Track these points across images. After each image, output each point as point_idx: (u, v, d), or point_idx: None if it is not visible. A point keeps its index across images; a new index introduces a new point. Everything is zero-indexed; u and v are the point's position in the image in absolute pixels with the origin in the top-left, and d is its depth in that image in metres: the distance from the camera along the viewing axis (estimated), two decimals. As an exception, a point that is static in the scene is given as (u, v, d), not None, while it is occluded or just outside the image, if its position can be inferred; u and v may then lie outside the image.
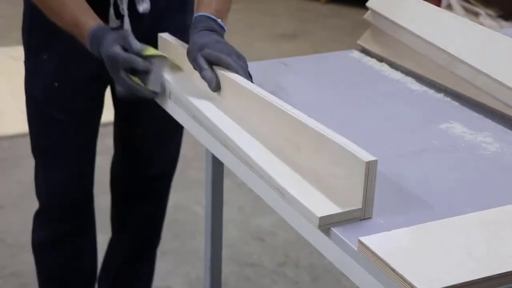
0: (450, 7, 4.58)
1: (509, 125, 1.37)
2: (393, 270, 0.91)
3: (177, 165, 1.94)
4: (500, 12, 4.55)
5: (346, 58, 1.72)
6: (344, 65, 1.68)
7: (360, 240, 0.97)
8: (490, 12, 4.53)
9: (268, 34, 4.89)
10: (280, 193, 1.11)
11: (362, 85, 1.57)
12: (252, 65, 1.41)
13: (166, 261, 2.46)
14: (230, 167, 1.30)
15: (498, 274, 0.91)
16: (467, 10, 4.55)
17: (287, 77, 1.59)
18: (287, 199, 1.09)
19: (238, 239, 2.63)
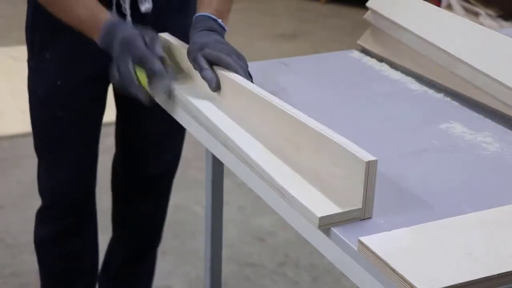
0: (450, 7, 4.57)
1: (509, 125, 1.37)
2: (393, 270, 0.92)
3: (178, 164, 1.94)
4: (500, 12, 4.55)
5: (346, 58, 1.72)
6: (344, 65, 1.68)
7: (360, 240, 0.97)
8: (490, 12, 4.52)
9: (268, 34, 4.89)
10: (280, 193, 1.11)
11: (362, 85, 1.57)
12: (252, 65, 1.41)
13: (166, 261, 2.46)
14: (230, 167, 1.30)
15: (498, 274, 0.91)
16: (467, 10, 4.55)
17: (287, 77, 1.59)
18: (287, 199, 1.09)
19: (238, 239, 2.63)
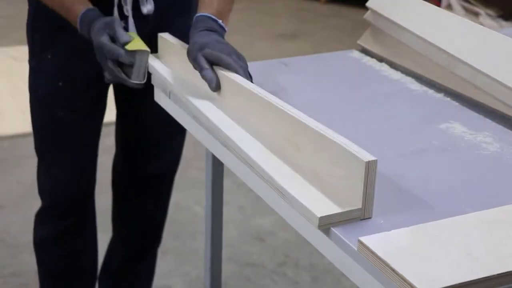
0: (450, 7, 4.58)
1: (509, 125, 1.37)
2: (393, 270, 0.92)
3: (179, 164, 1.94)
4: (500, 12, 4.55)
5: (346, 58, 1.72)
6: (344, 65, 1.68)
7: (360, 240, 0.97)
8: (490, 12, 4.52)
9: (268, 34, 4.89)
10: (280, 193, 1.11)
11: (362, 85, 1.57)
12: (252, 65, 1.41)
13: (166, 261, 2.46)
14: (230, 167, 1.30)
15: (497, 274, 0.91)
16: (467, 10, 4.55)
17: (287, 77, 1.59)
18: (287, 199, 1.09)
19: (238, 239, 2.63)
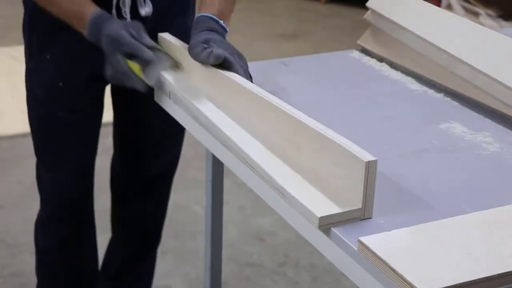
0: (450, 7, 4.57)
1: (509, 125, 1.37)
2: (393, 270, 0.92)
3: (178, 164, 1.94)
4: (500, 12, 4.54)
5: (346, 58, 1.72)
6: (344, 65, 1.68)
7: (360, 240, 0.97)
8: (490, 12, 4.52)
9: (268, 34, 4.89)
10: (280, 193, 1.11)
11: (362, 85, 1.57)
12: (252, 65, 1.41)
13: (166, 261, 2.46)
14: (230, 167, 1.30)
15: (498, 274, 0.91)
16: (467, 10, 4.55)
17: (287, 77, 1.59)
18: (287, 199, 1.09)
19: (238, 239, 2.63)
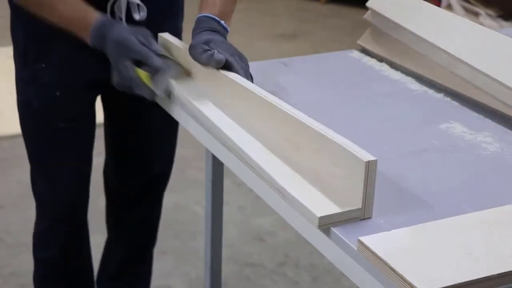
0: (450, 7, 4.57)
1: (509, 125, 1.37)
2: (392, 270, 0.92)
3: (172, 166, 1.93)
4: (500, 12, 4.54)
5: (346, 58, 1.72)
6: (344, 65, 1.68)
7: (360, 240, 0.97)
8: (490, 12, 4.52)
9: (268, 34, 4.89)
10: (280, 193, 1.11)
11: (362, 85, 1.57)
12: (252, 65, 1.41)
13: (166, 261, 2.46)
14: (230, 167, 1.30)
15: (497, 274, 0.91)
16: (467, 10, 4.55)
17: (287, 77, 1.59)
18: (287, 199, 1.09)
19: (238, 239, 2.63)
